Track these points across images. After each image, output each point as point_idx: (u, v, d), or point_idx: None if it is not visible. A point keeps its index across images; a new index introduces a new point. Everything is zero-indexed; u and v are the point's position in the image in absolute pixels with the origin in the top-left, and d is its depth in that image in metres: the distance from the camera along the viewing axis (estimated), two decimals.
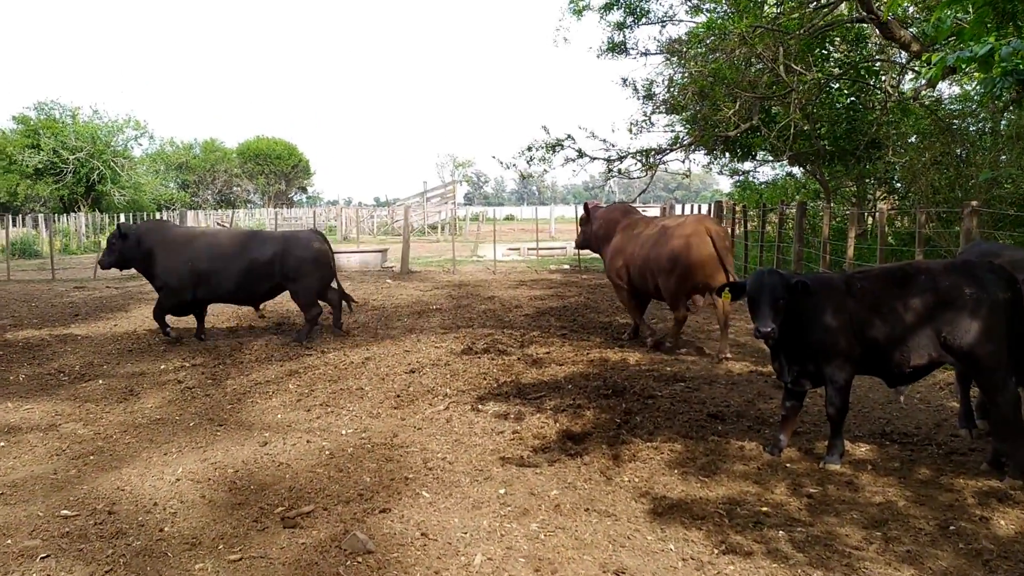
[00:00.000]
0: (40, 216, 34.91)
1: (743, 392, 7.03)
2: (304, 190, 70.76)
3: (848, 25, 9.40)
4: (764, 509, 4.49)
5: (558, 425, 6.04)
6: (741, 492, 4.73)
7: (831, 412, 5.11)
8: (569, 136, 9.28)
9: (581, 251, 10.07)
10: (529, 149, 9.47)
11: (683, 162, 9.70)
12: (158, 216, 43.11)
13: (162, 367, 8.40)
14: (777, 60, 7.51)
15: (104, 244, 10.49)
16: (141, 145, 46.78)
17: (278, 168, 62.85)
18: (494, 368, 8.02)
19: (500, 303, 13.06)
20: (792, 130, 7.86)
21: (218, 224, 43.20)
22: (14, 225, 34.61)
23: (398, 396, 6.99)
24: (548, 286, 15.24)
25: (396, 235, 39.44)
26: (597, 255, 10.02)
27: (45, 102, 41.42)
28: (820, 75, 7.74)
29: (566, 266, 20.22)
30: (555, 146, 9.38)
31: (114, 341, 9.95)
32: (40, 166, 39.07)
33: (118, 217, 39.97)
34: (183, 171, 58.55)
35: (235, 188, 63.71)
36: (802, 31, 7.78)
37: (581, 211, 9.72)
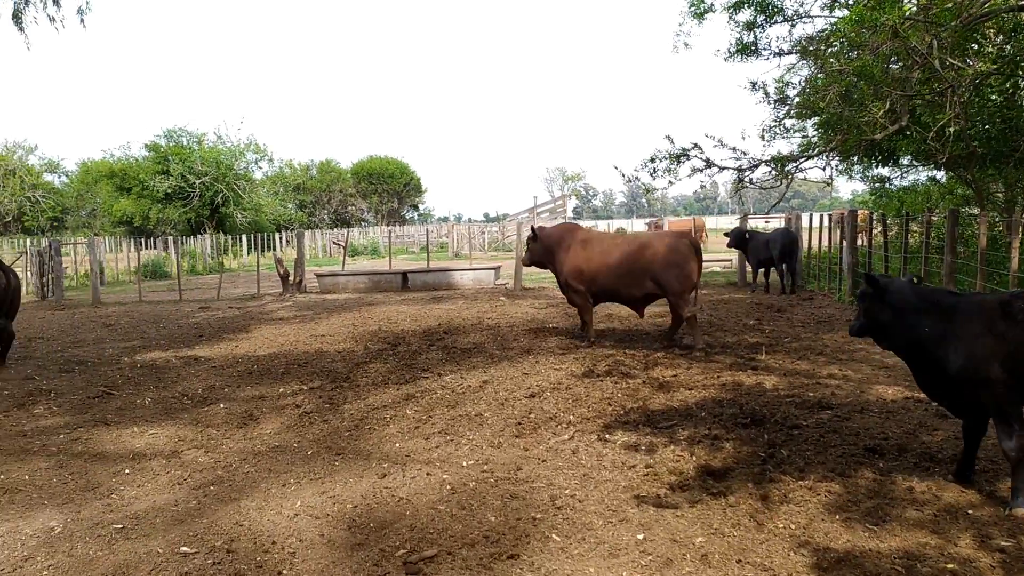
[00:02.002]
0: (169, 238, 36.67)
1: (901, 422, 6.34)
2: (416, 207, 71.98)
3: (1004, 14, 8.52)
4: (950, 566, 3.89)
5: (695, 459, 5.56)
6: (919, 544, 4.13)
7: (1006, 450, 4.46)
8: (696, 145, 8.77)
9: (530, 267, 11.45)
10: (652, 160, 9.02)
11: (823, 169, 9.03)
12: (277, 236, 44.69)
13: (280, 390, 8.37)
14: (932, 54, 6.81)
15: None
16: (261, 168, 48.63)
17: (391, 187, 64.27)
18: (618, 393, 7.60)
19: (618, 320, 12.62)
20: (953, 129, 7.12)
21: (334, 243, 44.34)
22: (146, 248, 36.50)
23: (519, 424, 6.66)
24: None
25: (507, 251, 39.48)
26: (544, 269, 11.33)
27: (174, 130, 43.60)
28: (983, 67, 6.98)
29: None
30: (680, 156, 8.89)
31: (235, 363, 10.05)
32: (169, 191, 41.15)
33: (240, 238, 41.72)
34: (301, 192, 60.65)
35: (350, 207, 65.51)
36: (957, 21, 7.05)
37: (530, 232, 10.89)
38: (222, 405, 7.80)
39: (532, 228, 11.02)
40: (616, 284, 10.10)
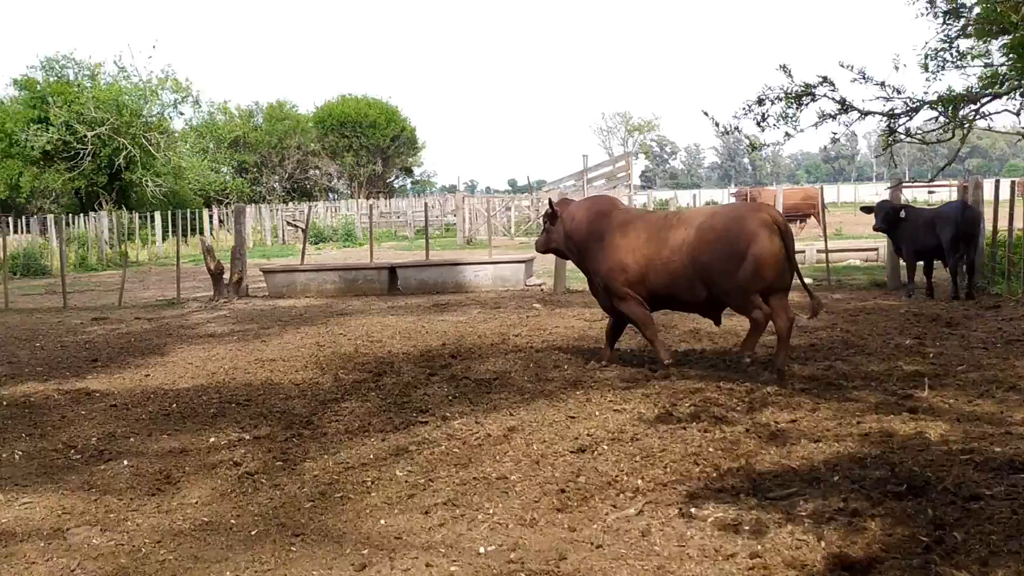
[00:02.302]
0: (49, 218, 37.15)
1: None
2: (409, 172, 72.33)
3: None
4: None
5: (824, 546, 5.54)
6: None
7: None
8: (825, 80, 8.69)
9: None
10: (760, 102, 8.96)
11: (1016, 113, 8.86)
12: (206, 213, 45.02)
13: (211, 440, 8.45)
14: None
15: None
16: (183, 114, 49.16)
17: (372, 141, 64.50)
18: (709, 446, 7.58)
19: (708, 338, 12.61)
20: None
21: (290, 225, 44.58)
22: (15, 231, 37.01)
23: (562, 491, 6.68)
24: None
25: None
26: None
27: (55, 59, 44.14)
28: None
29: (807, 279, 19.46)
30: (802, 96, 8.82)
31: (145, 400, 10.18)
32: (49, 148, 41.58)
33: (152, 217, 42.06)
34: (241, 150, 61.04)
35: (312, 171, 65.82)
36: None
37: (552, 207, 11.35)
38: (126, 462, 7.88)
39: (550, 202, 11.46)
40: (671, 284, 10.38)
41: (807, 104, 8.97)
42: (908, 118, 9.01)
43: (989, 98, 8.95)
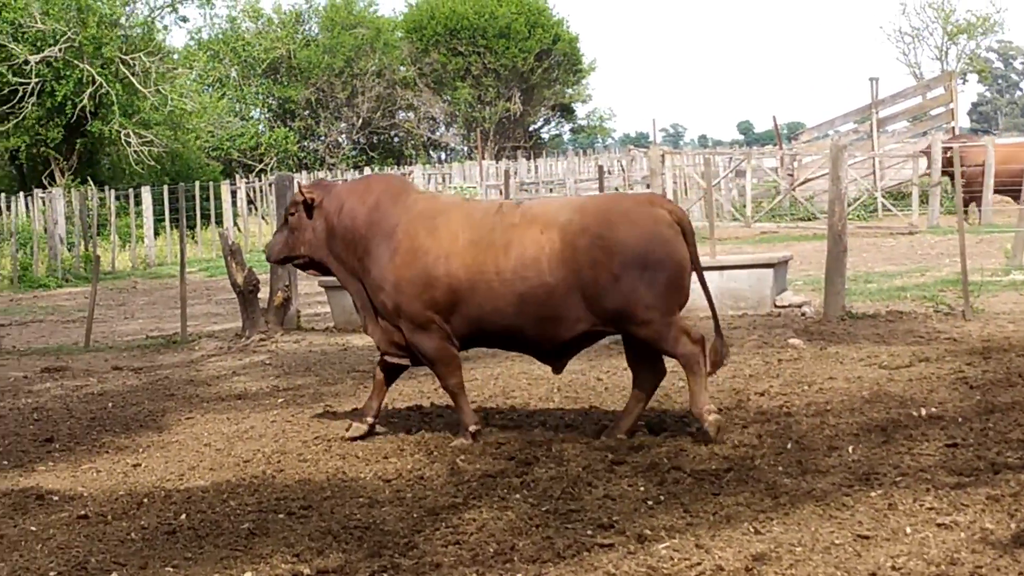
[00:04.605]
0: None
1: None
2: (568, 112, 72.17)
3: None
4: None
5: None
6: None
7: None
8: None
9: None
10: None
11: None
12: (228, 188, 45.56)
13: None
14: None
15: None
16: (185, 21, 49.88)
17: (504, 61, 64.32)
18: None
19: None
20: None
21: None
22: None
23: None
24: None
25: (803, 218, 39.26)
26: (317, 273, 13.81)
27: None
28: None
29: None
30: None
31: (134, 508, 10.33)
32: None
33: (138, 196, 42.50)
34: (283, 80, 61.51)
35: (401, 114, 66.05)
36: None
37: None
38: None
39: (299, 187, 12.46)
40: (517, 312, 11.42)
41: None
42: None
43: None
